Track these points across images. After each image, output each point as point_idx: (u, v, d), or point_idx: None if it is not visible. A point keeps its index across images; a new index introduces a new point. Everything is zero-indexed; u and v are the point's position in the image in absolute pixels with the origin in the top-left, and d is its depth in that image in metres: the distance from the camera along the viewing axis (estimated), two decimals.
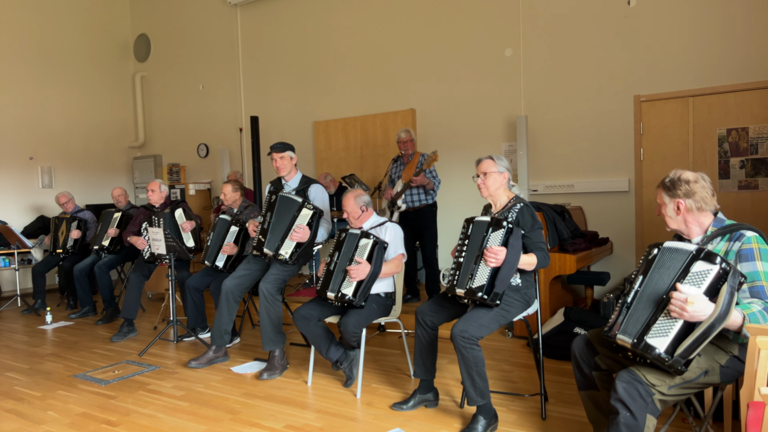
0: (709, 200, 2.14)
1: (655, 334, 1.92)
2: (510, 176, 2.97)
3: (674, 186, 2.18)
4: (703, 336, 1.84)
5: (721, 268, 1.86)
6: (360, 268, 3.20)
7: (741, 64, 4.90)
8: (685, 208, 2.16)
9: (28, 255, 7.35)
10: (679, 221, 2.19)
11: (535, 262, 2.77)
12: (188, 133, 8.74)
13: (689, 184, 2.15)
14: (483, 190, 2.95)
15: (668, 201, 2.20)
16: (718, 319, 1.81)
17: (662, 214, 2.24)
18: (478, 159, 3.00)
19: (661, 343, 1.90)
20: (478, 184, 2.96)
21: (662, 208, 2.23)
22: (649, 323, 1.95)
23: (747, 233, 2.04)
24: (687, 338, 1.86)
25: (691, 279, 1.91)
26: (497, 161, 2.94)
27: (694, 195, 2.14)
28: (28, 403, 3.40)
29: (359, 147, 7.00)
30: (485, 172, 2.92)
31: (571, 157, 5.70)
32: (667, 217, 2.22)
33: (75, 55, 8.44)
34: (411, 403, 3.07)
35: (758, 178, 4.90)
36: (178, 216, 4.87)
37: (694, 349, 1.85)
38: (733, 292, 1.83)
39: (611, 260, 5.52)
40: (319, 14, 7.32)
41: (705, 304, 1.83)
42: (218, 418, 3.08)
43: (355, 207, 3.51)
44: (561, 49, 5.70)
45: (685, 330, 1.88)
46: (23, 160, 7.83)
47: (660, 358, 1.89)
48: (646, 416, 1.94)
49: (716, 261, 1.88)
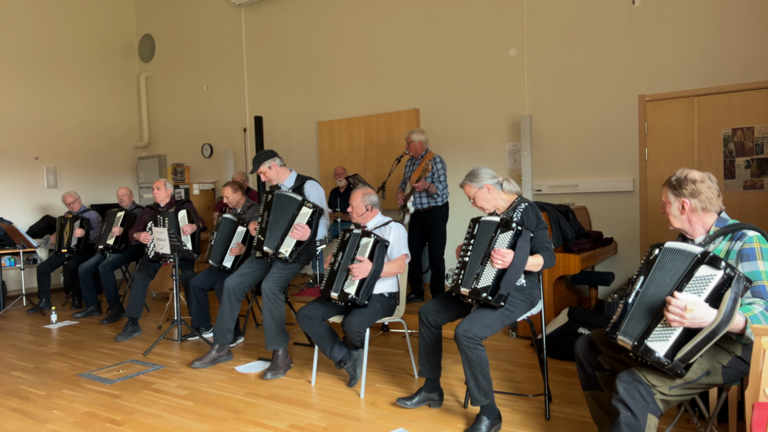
0: (715, 201, 2.12)
1: (656, 338, 1.91)
2: (491, 183, 2.91)
3: (680, 185, 2.16)
4: (704, 341, 1.82)
5: (725, 273, 1.83)
6: (362, 266, 3.21)
7: (746, 64, 4.87)
8: (690, 207, 2.14)
9: (33, 254, 7.38)
10: (683, 220, 2.18)
11: (542, 263, 2.76)
12: (192, 133, 8.76)
13: (695, 184, 2.13)
14: (482, 210, 2.97)
15: (673, 200, 2.18)
16: (721, 325, 1.79)
17: (666, 212, 2.23)
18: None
19: (661, 347, 1.89)
20: (473, 206, 2.99)
21: (667, 206, 2.22)
22: (650, 327, 1.94)
23: (749, 233, 2.02)
24: (687, 343, 1.85)
25: (694, 284, 1.89)
26: (471, 181, 2.93)
27: (699, 195, 2.12)
28: (33, 402, 3.41)
29: (363, 147, 7.01)
30: (470, 196, 2.95)
31: (576, 156, 5.69)
32: (671, 216, 2.21)
33: (80, 56, 8.47)
34: (416, 400, 3.06)
35: (763, 178, 4.87)
36: (181, 217, 4.88)
37: (695, 354, 1.84)
38: (736, 298, 1.80)
39: (616, 260, 5.50)
40: (322, 14, 7.33)
41: (706, 311, 1.81)
42: (222, 417, 3.09)
43: (360, 204, 3.52)
44: (565, 48, 5.69)
45: (685, 335, 1.86)
46: (29, 160, 7.86)
47: (659, 362, 1.88)
48: (647, 416, 1.93)
49: (720, 266, 1.84)
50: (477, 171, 2.94)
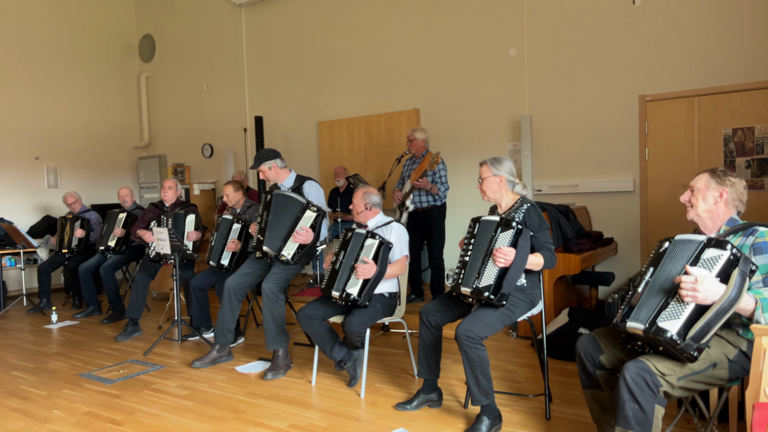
0: (742, 200, 2.21)
1: (667, 317, 1.92)
2: (507, 178, 2.93)
3: (726, 175, 2.22)
4: (715, 318, 1.84)
5: (731, 253, 1.90)
6: (367, 268, 3.21)
7: (746, 64, 4.87)
8: (725, 199, 2.19)
9: (33, 254, 7.39)
10: (711, 210, 2.21)
11: (542, 262, 2.77)
12: (193, 133, 8.76)
13: (735, 178, 2.22)
14: (483, 194, 2.98)
15: (714, 187, 2.21)
16: (729, 300, 1.83)
17: (691, 199, 2.25)
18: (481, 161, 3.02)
19: (673, 326, 1.89)
20: (478, 187, 2.99)
21: (700, 192, 2.23)
22: (662, 307, 1.96)
23: (760, 228, 2.09)
24: (698, 321, 1.87)
25: (703, 264, 1.94)
26: (492, 165, 2.94)
27: (735, 190, 2.20)
28: (33, 402, 3.41)
29: (363, 147, 7.01)
30: (482, 177, 2.96)
31: (576, 156, 5.69)
32: (701, 202, 2.23)
33: (80, 56, 8.47)
34: (415, 403, 3.07)
35: (764, 178, 4.87)
36: (189, 221, 4.86)
37: (706, 332, 1.86)
38: (744, 276, 1.85)
39: (616, 260, 5.50)
40: (323, 14, 7.33)
41: (715, 285, 1.85)
42: (222, 417, 3.09)
43: (359, 202, 3.53)
44: (566, 48, 5.69)
45: (696, 313, 1.89)
46: (29, 160, 7.87)
47: (672, 341, 1.88)
48: (655, 406, 1.93)
49: (726, 247, 1.91)
50: (502, 160, 2.95)
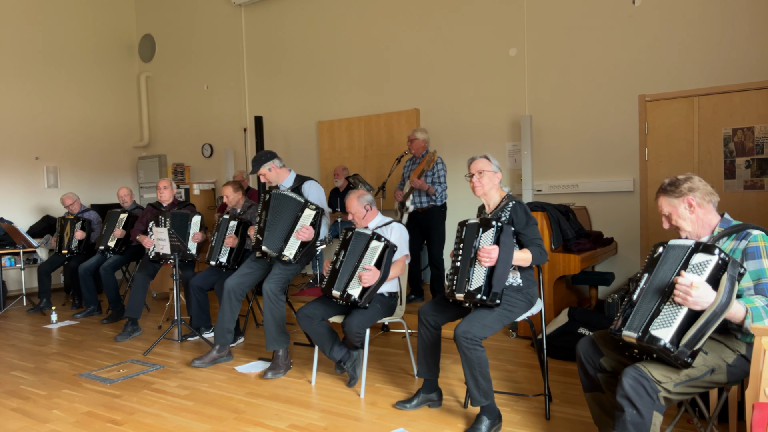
0: (711, 192, 2.18)
1: (660, 325, 1.93)
2: (498, 173, 2.97)
3: (676, 185, 2.19)
4: (707, 324, 1.85)
5: (720, 258, 1.89)
6: (371, 275, 3.20)
7: (746, 64, 4.87)
8: (696, 203, 2.16)
9: (33, 254, 7.38)
10: (693, 220, 2.18)
11: (530, 257, 2.77)
12: (193, 133, 8.76)
13: (687, 182, 2.18)
14: (477, 188, 2.95)
15: (677, 203, 2.19)
16: (720, 306, 1.83)
17: (674, 222, 2.23)
18: (471, 158, 3.00)
19: (665, 334, 1.90)
20: (472, 183, 2.95)
21: (672, 215, 2.22)
22: (654, 315, 1.96)
23: (753, 232, 2.06)
24: (691, 328, 1.87)
25: (692, 270, 1.94)
26: (492, 161, 2.95)
27: (697, 190, 2.17)
28: (33, 402, 3.41)
29: (363, 147, 7.01)
30: (480, 170, 2.93)
31: (576, 156, 5.69)
32: (681, 221, 2.20)
33: (80, 56, 8.47)
34: (414, 402, 3.07)
35: (764, 178, 4.87)
36: (194, 223, 4.85)
37: (699, 338, 1.86)
38: (733, 281, 1.86)
39: (616, 260, 5.50)
40: (323, 14, 7.33)
41: (707, 291, 1.85)
42: (222, 417, 3.09)
43: (359, 207, 3.52)
44: (566, 48, 5.69)
45: (688, 320, 1.89)
46: (29, 160, 7.87)
47: (665, 349, 1.89)
48: (653, 413, 1.93)
49: (714, 252, 1.91)
50: (495, 159, 2.99)
